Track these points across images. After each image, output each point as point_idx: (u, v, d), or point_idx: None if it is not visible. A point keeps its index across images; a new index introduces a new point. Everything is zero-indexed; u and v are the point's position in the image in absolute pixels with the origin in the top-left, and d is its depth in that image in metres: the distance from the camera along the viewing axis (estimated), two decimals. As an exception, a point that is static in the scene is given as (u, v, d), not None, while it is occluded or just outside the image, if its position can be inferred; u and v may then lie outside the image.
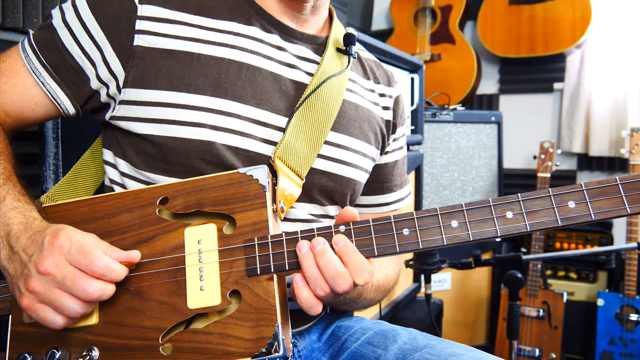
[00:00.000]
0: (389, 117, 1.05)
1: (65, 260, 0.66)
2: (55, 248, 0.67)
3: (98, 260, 0.67)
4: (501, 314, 2.57)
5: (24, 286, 0.68)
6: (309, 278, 0.70)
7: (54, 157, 1.12)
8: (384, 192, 1.09)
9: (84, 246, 0.68)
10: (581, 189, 0.68)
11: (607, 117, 2.72)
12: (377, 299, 0.99)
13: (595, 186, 0.68)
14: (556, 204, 0.68)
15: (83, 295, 0.66)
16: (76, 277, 0.66)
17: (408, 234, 0.71)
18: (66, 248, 0.67)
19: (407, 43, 3.11)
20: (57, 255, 0.66)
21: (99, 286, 0.67)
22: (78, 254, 0.67)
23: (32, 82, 0.85)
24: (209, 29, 0.86)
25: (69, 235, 0.68)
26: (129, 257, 0.71)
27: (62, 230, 0.69)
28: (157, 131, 0.82)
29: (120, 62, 0.83)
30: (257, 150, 0.85)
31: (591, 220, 0.67)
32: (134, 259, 0.72)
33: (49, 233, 0.69)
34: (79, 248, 0.67)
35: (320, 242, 0.70)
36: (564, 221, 0.68)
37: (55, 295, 0.66)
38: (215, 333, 0.70)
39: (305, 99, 0.87)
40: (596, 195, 0.68)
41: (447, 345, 0.86)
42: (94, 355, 0.72)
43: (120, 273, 0.69)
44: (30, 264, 0.67)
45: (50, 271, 0.66)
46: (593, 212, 0.67)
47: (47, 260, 0.66)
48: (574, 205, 0.68)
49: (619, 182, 0.67)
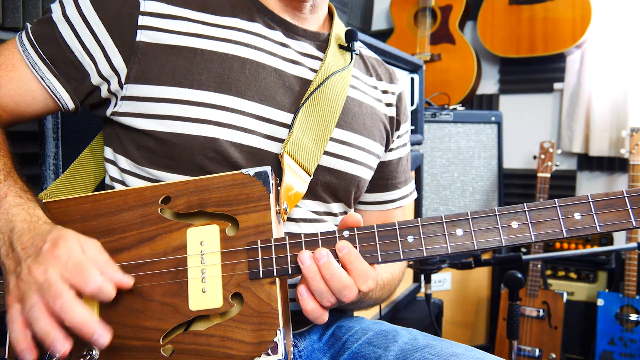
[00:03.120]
0: (392, 113, 1.05)
1: (57, 271, 0.65)
2: (52, 257, 0.66)
3: (92, 281, 0.65)
4: (501, 314, 2.57)
5: (14, 283, 0.67)
6: (315, 292, 0.70)
7: (54, 157, 1.12)
8: (389, 189, 1.09)
9: (81, 263, 0.66)
10: (587, 200, 0.68)
11: (607, 117, 2.72)
12: (383, 297, 0.99)
13: (601, 198, 0.68)
14: (562, 215, 0.68)
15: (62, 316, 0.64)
16: (53, 285, 0.64)
17: (412, 242, 0.70)
18: (63, 260, 0.66)
19: (407, 43, 3.11)
20: (51, 263, 0.65)
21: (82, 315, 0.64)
22: (74, 269, 0.66)
23: (31, 77, 0.83)
24: (212, 25, 0.85)
25: (69, 246, 0.67)
26: (122, 281, 0.70)
27: (63, 239, 0.68)
28: (160, 127, 0.82)
29: (122, 58, 0.82)
30: (261, 147, 0.84)
31: (596, 232, 0.67)
32: (126, 284, 0.70)
33: (50, 240, 0.68)
34: (76, 264, 0.66)
35: (323, 254, 0.69)
36: (569, 233, 0.68)
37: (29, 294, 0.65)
38: (216, 336, 0.70)
39: (311, 94, 0.87)
40: (602, 207, 0.68)
41: (447, 345, 0.86)
42: (94, 354, 0.72)
43: (110, 296, 0.68)
44: (24, 264, 0.67)
45: (36, 275, 0.65)
46: (599, 224, 0.67)
47: (40, 267, 0.65)
48: (579, 217, 0.68)
49: (625, 195, 0.67)
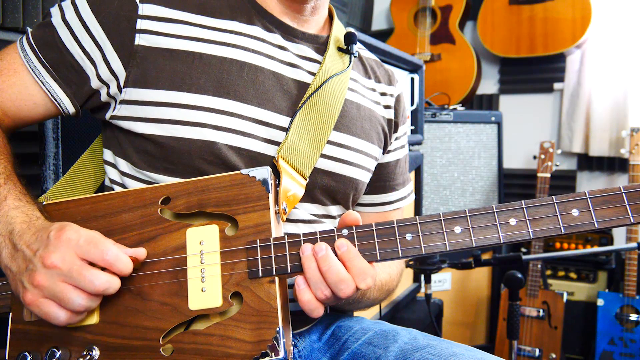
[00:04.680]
0: (391, 115, 1.05)
1: (74, 253, 0.66)
2: (62, 242, 0.67)
3: (109, 250, 0.67)
4: (501, 314, 2.57)
5: (29, 281, 0.67)
6: (310, 280, 0.70)
7: (54, 157, 1.12)
8: (386, 190, 1.09)
9: (93, 237, 0.68)
10: (585, 197, 0.68)
11: (607, 117, 2.72)
12: (381, 298, 0.99)
13: (599, 194, 0.68)
14: (560, 211, 0.68)
15: (90, 287, 0.66)
16: (82, 269, 0.66)
17: (411, 239, 0.71)
18: (74, 240, 0.67)
19: (407, 43, 3.11)
20: (64, 248, 0.66)
21: (106, 278, 0.67)
22: (88, 245, 0.67)
23: (31, 81, 0.84)
24: (210, 28, 0.85)
25: (76, 229, 0.69)
26: (136, 252, 0.72)
27: (67, 225, 0.69)
28: (159, 131, 0.82)
29: (121, 62, 0.82)
30: (259, 150, 0.85)
31: (594, 228, 0.67)
32: (140, 255, 0.73)
33: (54, 228, 0.69)
34: (88, 239, 0.67)
35: (322, 247, 0.70)
36: (567, 229, 0.68)
37: (60, 288, 0.66)
38: (216, 335, 0.70)
39: (308, 98, 0.87)
40: (600, 203, 0.68)
41: (447, 345, 0.86)
42: (94, 354, 0.72)
43: (129, 266, 0.70)
44: (35, 258, 0.67)
45: (56, 264, 0.65)
46: (596, 220, 0.67)
47: (53, 254, 0.66)
48: (577, 214, 0.68)
49: (622, 191, 0.67)
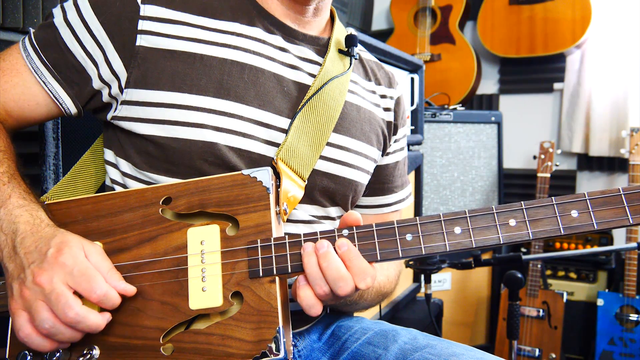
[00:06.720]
0: (390, 118, 1.06)
1: (63, 279, 0.66)
2: (56, 264, 0.67)
3: (98, 288, 0.67)
4: (501, 314, 2.57)
5: (18, 290, 0.68)
6: (309, 275, 0.70)
7: (54, 157, 1.12)
8: (385, 193, 1.09)
9: (87, 269, 0.68)
10: (584, 198, 0.68)
11: (607, 117, 2.72)
12: (378, 300, 0.99)
13: (598, 196, 0.68)
14: (559, 212, 0.68)
15: (61, 314, 0.65)
16: (61, 296, 0.65)
17: (411, 240, 0.71)
18: (68, 267, 0.67)
19: (407, 43, 3.11)
20: (55, 271, 0.66)
21: (81, 312, 0.66)
22: (80, 277, 0.67)
23: (34, 82, 0.84)
24: (211, 29, 0.86)
25: (74, 253, 0.68)
26: (125, 290, 0.71)
27: (67, 245, 0.69)
28: (160, 132, 0.82)
29: (122, 63, 0.82)
30: (260, 152, 0.85)
31: (593, 229, 0.68)
32: (129, 292, 0.72)
33: (54, 245, 0.68)
34: (82, 271, 0.67)
35: (324, 244, 0.71)
36: (566, 230, 0.68)
37: (36, 305, 0.66)
38: (216, 334, 0.70)
39: (308, 100, 0.87)
40: (599, 205, 0.68)
41: (447, 345, 0.86)
42: (94, 354, 0.72)
43: (115, 303, 0.70)
44: (28, 270, 0.67)
45: (42, 284, 0.66)
46: (596, 221, 0.68)
47: (45, 273, 0.66)
48: (576, 215, 0.68)
49: (622, 193, 0.68)
